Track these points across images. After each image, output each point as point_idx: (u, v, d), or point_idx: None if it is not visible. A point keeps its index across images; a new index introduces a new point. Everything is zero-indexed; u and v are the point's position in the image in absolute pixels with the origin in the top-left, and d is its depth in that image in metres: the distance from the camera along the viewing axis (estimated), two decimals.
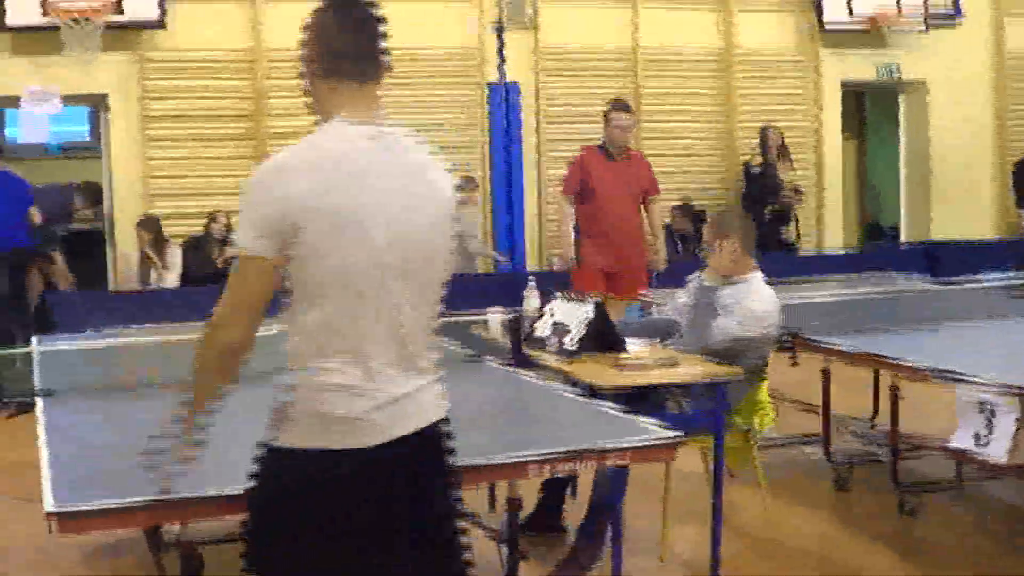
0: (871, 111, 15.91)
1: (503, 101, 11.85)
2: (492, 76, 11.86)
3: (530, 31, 12.17)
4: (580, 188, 8.82)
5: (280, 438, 2.95)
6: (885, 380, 6.74)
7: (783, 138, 12.70)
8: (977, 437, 4.91)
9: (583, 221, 8.91)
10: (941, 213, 14.24)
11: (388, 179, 2.97)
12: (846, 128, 14.46)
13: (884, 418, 6.83)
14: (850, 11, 13.26)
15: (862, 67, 13.79)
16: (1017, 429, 4.77)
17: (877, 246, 14.93)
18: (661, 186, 9.27)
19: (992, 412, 4.83)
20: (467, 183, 11.36)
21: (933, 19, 13.68)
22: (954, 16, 13.83)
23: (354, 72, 3.03)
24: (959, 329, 6.60)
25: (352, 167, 2.92)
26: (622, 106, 8.96)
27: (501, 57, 10.70)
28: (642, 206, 9.02)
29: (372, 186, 2.92)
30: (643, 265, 9.00)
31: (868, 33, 13.45)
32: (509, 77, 11.82)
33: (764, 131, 12.62)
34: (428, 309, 3.08)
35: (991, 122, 14.43)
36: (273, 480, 2.97)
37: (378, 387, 2.94)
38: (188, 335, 3.78)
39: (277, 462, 2.97)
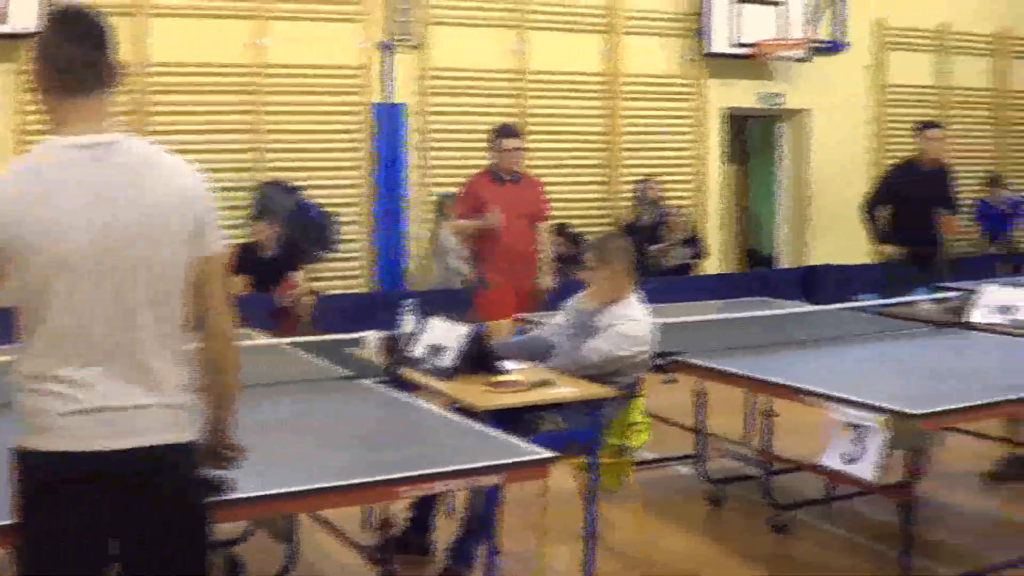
0: (753, 138, 16.13)
1: (389, 121, 11.86)
2: (378, 96, 11.87)
3: (418, 52, 12.17)
4: (473, 214, 8.79)
5: (12, 437, 3.01)
6: (761, 400, 6.85)
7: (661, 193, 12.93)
8: (847, 456, 4.99)
9: (481, 246, 8.88)
10: (819, 239, 14.53)
11: (90, 188, 2.94)
12: (728, 154, 14.64)
13: (759, 438, 6.93)
14: (734, 39, 13.44)
15: (745, 94, 14.04)
16: (885, 449, 4.86)
17: (756, 271, 15.13)
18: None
19: (862, 432, 4.92)
20: (449, 199, 11.25)
21: (817, 49, 13.89)
22: (838, 46, 14.04)
23: (75, 84, 3.01)
24: (833, 351, 6.74)
25: (52, 179, 2.93)
26: (509, 131, 8.96)
27: (387, 77, 10.70)
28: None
29: (71, 196, 2.91)
30: (537, 288, 8.97)
31: (752, 60, 13.65)
32: (396, 98, 11.85)
33: (643, 186, 12.82)
34: (162, 322, 3.03)
35: (870, 151, 14.73)
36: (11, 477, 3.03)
37: (88, 395, 2.94)
38: None
39: (11, 459, 3.02)
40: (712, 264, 13.80)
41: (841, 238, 13.91)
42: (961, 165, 13.46)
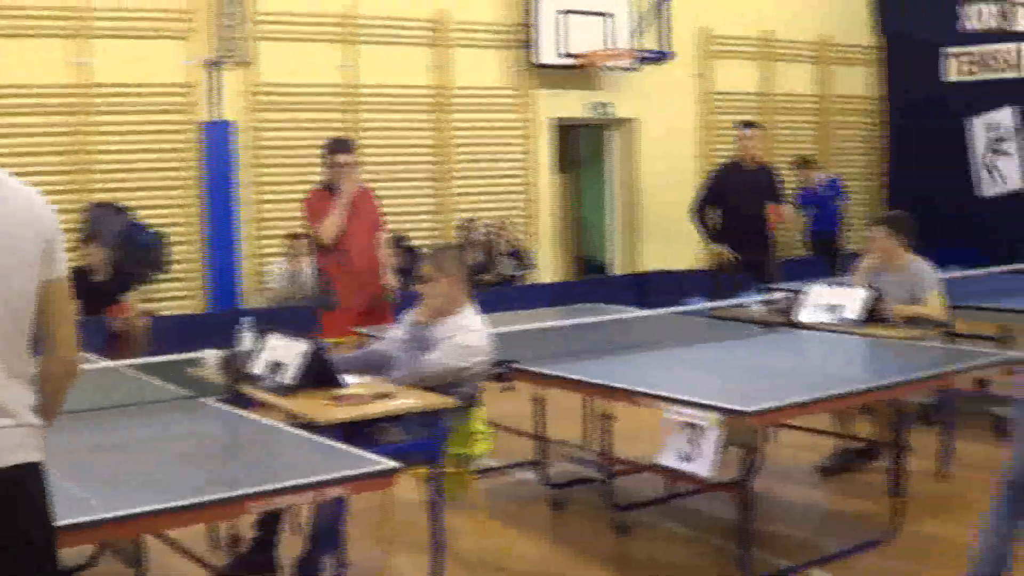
0: (583, 147, 16.34)
1: (217, 139, 11.76)
2: (206, 114, 11.76)
3: (245, 68, 12.08)
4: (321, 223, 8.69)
5: None
6: (598, 405, 6.96)
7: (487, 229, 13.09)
8: (683, 455, 5.11)
9: (330, 261, 8.73)
10: (650, 246, 14.80)
11: None
12: (558, 164, 14.81)
13: (598, 442, 7.04)
14: (562, 50, 13.60)
15: (574, 104, 14.22)
16: (720, 445, 4.99)
17: (589, 278, 15.33)
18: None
19: (697, 431, 5.04)
20: None
21: (643, 59, 14.14)
22: (664, 55, 14.30)
23: None
24: (666, 354, 6.90)
25: None
26: (342, 146, 8.88)
27: (215, 95, 10.60)
28: None
29: None
30: (385, 291, 8.89)
31: (580, 71, 13.84)
32: (224, 115, 11.74)
33: (468, 224, 12.99)
34: (13, 345, 3.03)
35: (698, 157, 15.05)
36: None
37: None
38: None
39: None
40: (545, 273, 13.95)
41: (671, 244, 14.20)
42: (788, 170, 13.86)
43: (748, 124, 11.52)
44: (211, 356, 6.17)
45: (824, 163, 15.76)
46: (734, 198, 10.99)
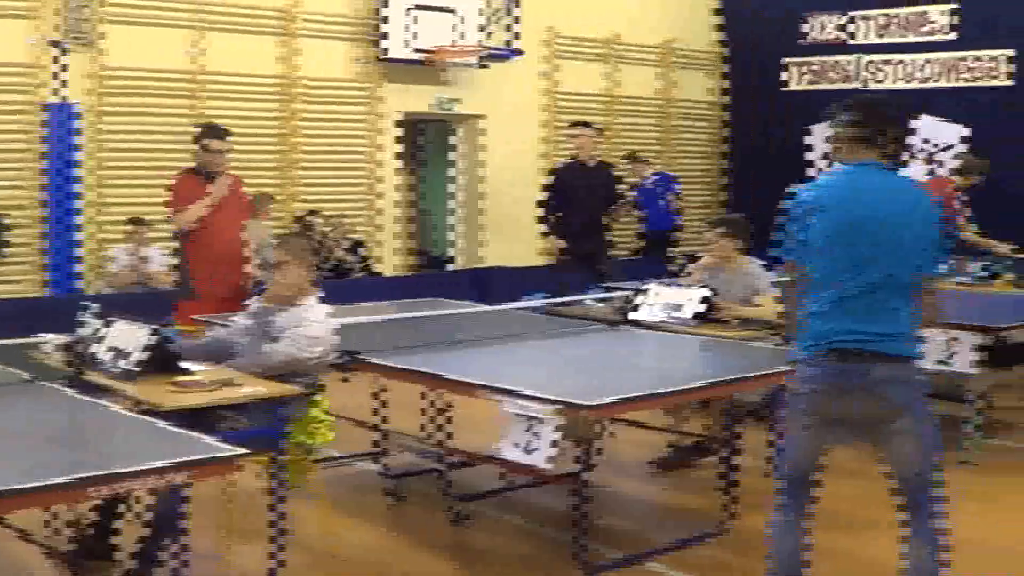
0: (428, 142, 16.41)
1: (61, 121, 11.58)
2: (51, 95, 11.57)
3: (92, 50, 11.90)
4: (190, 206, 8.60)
5: None
6: (439, 397, 7.04)
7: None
8: (521, 447, 5.23)
9: (193, 249, 8.67)
10: (491, 241, 14.94)
11: None
12: (403, 158, 14.87)
13: (438, 433, 7.13)
14: (411, 45, 13.64)
15: (421, 100, 14.27)
16: (557, 438, 5.12)
17: (430, 272, 15.41)
18: None
19: (534, 424, 5.17)
20: (264, 199, 12.14)
21: (491, 56, 14.26)
22: (511, 54, 14.43)
23: None
24: (506, 348, 7.04)
25: None
26: (216, 131, 8.82)
27: (60, 76, 10.43)
28: None
29: None
30: (247, 279, 8.83)
31: (428, 66, 13.90)
32: (68, 97, 11.56)
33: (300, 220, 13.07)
34: None
35: (542, 156, 15.18)
36: None
37: None
38: None
39: None
40: (387, 266, 13.99)
41: (512, 240, 14.34)
42: (626, 170, 14.11)
43: (584, 124, 11.75)
44: (52, 341, 6.13)
45: (664, 163, 16.10)
46: (571, 196, 11.22)
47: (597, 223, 11.45)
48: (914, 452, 4.61)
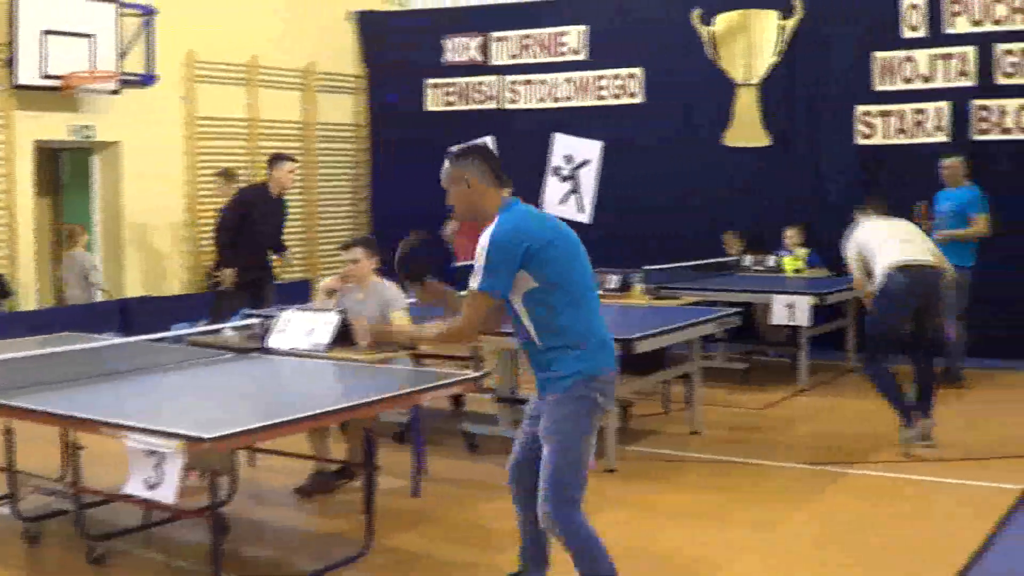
0: (67, 170, 15.94)
1: None
2: None
3: None
4: None
5: None
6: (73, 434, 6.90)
7: None
8: (149, 483, 5.19)
9: None
10: (135, 271, 14.56)
11: None
12: (41, 186, 14.43)
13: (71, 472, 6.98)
14: (43, 71, 13.22)
15: (56, 127, 13.81)
16: (182, 472, 5.11)
17: (71, 305, 14.92)
18: None
19: (160, 458, 5.14)
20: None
21: (128, 82, 14.00)
22: (148, 79, 14.24)
23: None
24: (145, 381, 6.91)
25: None
26: None
27: None
28: None
29: None
30: None
31: (62, 93, 13.51)
32: None
33: None
34: None
35: (185, 183, 14.93)
36: None
37: None
38: None
39: None
40: (27, 300, 13.51)
41: (157, 269, 14.14)
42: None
43: (286, 158, 11.77)
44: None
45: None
46: (254, 223, 11.23)
47: (265, 251, 11.55)
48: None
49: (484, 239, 5.21)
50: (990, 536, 6.84)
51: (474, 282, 5.21)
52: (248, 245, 11.38)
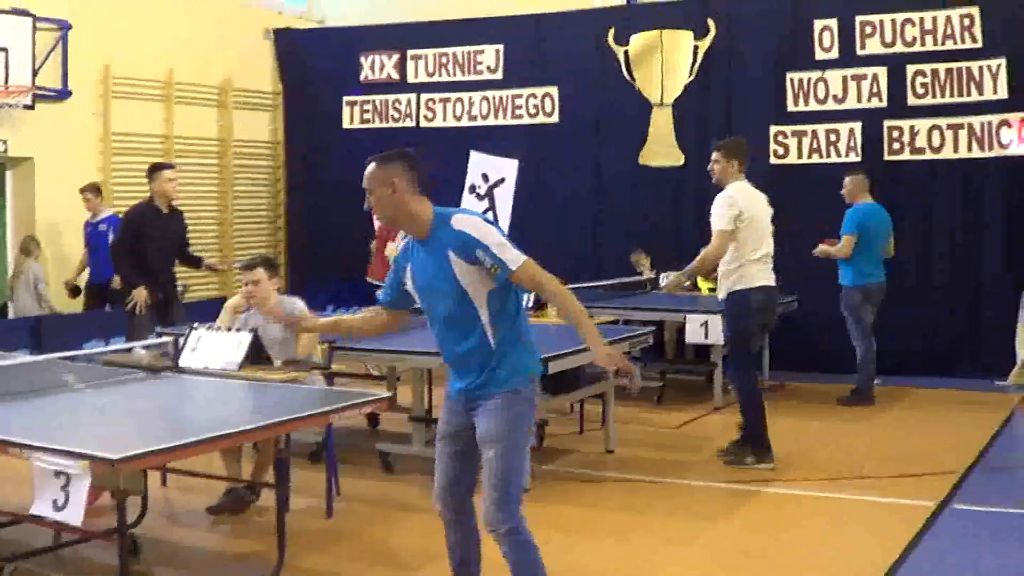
0: None
1: None
2: None
3: None
4: None
5: None
6: None
7: None
8: (57, 504, 5.14)
9: None
10: (49, 287, 14.29)
11: None
12: None
13: None
14: None
15: None
16: (89, 493, 5.06)
17: None
18: None
19: (67, 479, 5.09)
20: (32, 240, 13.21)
21: (41, 97, 13.86)
22: (62, 94, 14.14)
23: None
24: (53, 400, 6.81)
25: None
26: None
27: None
28: None
29: None
30: None
31: None
32: None
33: None
34: None
35: (102, 200, 14.71)
36: None
37: None
38: None
39: None
40: None
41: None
42: (192, 212, 13.90)
43: (163, 167, 11.52)
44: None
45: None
46: (146, 240, 11.04)
47: (171, 268, 11.39)
48: None
49: (478, 222, 5.21)
50: (903, 553, 6.92)
51: (515, 253, 5.17)
52: (147, 264, 11.10)
